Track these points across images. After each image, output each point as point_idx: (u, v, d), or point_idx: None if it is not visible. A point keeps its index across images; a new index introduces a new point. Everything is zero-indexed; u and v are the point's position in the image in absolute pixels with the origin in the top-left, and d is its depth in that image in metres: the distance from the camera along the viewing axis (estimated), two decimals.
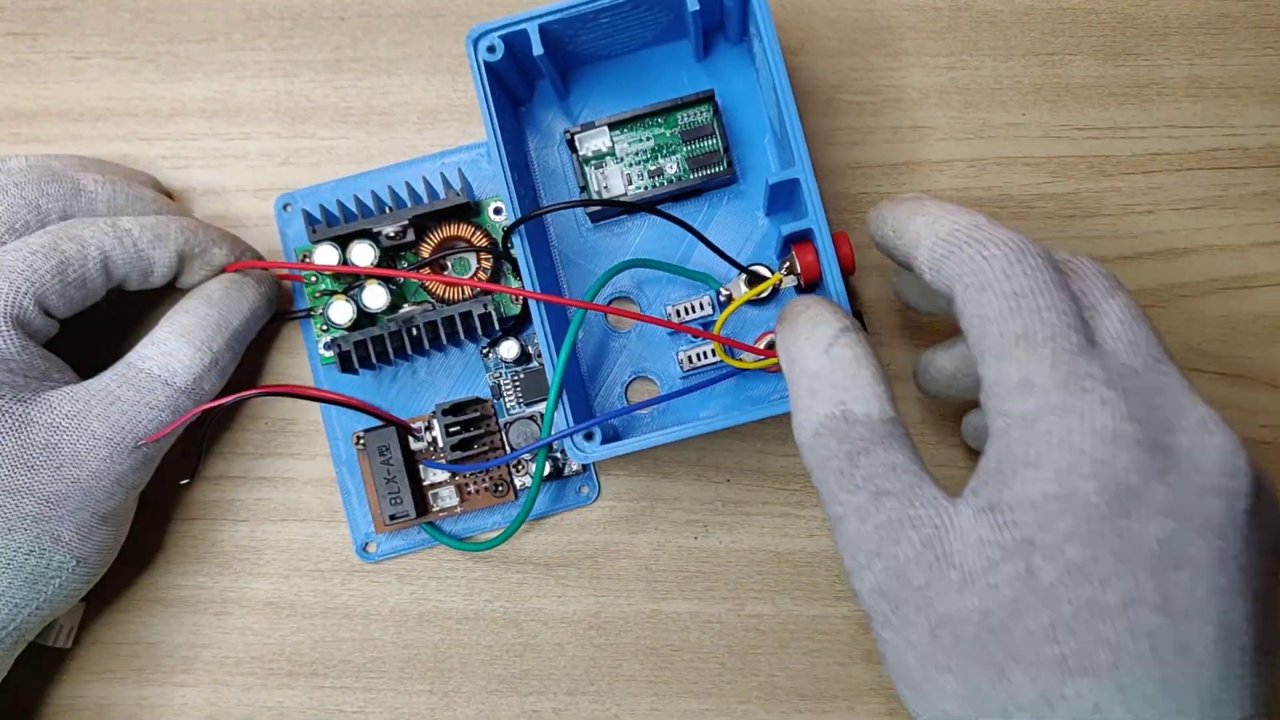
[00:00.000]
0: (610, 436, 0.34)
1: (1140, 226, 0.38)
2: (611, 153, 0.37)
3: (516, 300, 0.38)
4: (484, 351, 0.38)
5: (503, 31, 0.34)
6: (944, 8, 0.39)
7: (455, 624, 0.38)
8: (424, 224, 0.37)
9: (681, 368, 0.37)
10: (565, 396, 0.33)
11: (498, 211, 0.38)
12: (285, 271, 0.38)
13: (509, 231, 0.34)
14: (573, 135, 0.37)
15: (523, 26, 0.34)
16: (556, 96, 0.38)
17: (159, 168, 0.40)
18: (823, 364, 0.28)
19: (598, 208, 0.37)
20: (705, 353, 0.37)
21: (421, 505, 0.37)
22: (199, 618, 0.38)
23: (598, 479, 0.38)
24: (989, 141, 0.39)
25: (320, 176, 0.40)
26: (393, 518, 0.36)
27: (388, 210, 0.37)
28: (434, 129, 0.40)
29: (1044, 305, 0.25)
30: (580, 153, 0.37)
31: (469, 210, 0.38)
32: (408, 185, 0.37)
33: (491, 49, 0.34)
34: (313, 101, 0.40)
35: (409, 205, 0.37)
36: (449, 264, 0.38)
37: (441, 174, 0.38)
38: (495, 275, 0.37)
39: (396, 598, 0.38)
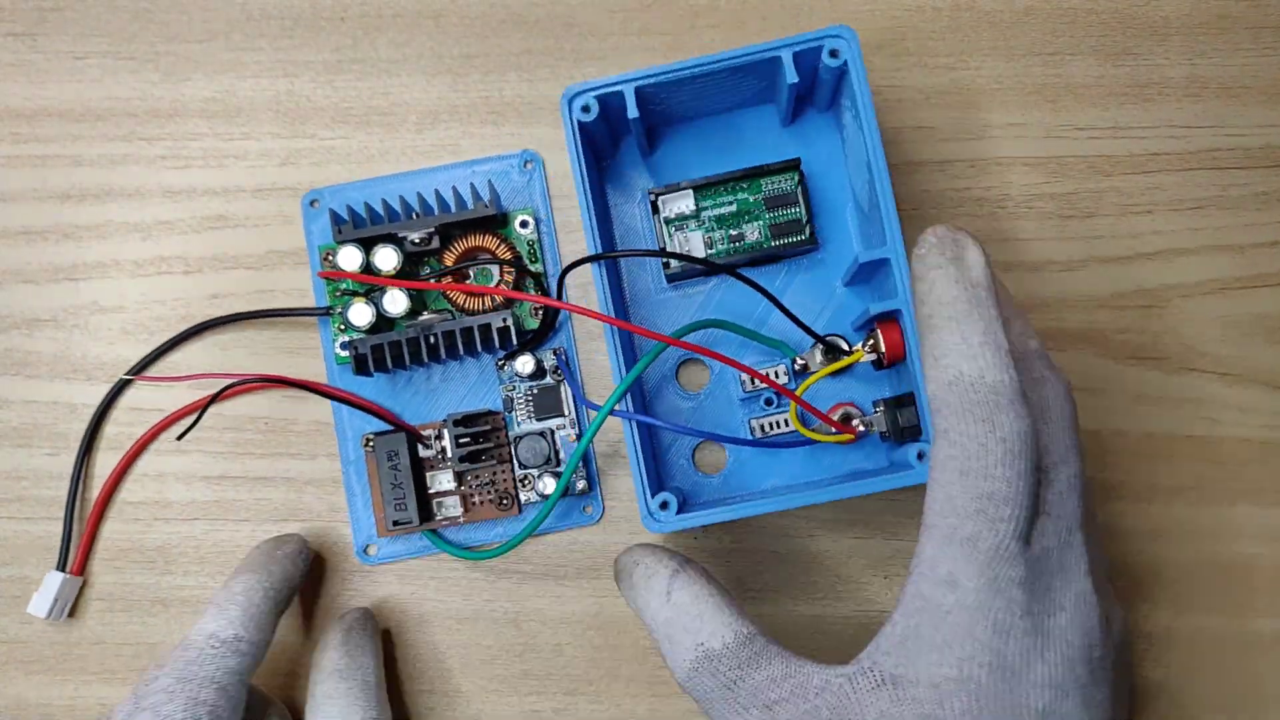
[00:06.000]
0: (680, 499, 0.33)
1: (1140, 226, 0.38)
2: (694, 215, 0.37)
3: (536, 315, 0.38)
4: (499, 364, 0.38)
5: (598, 92, 0.33)
6: (944, 8, 0.40)
7: (455, 624, 0.38)
8: (450, 232, 0.37)
9: (753, 434, 0.37)
10: (640, 461, 0.32)
11: (524, 225, 0.38)
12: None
13: (570, 268, 0.34)
14: (656, 197, 0.36)
15: (619, 88, 0.33)
16: (640, 154, 0.38)
17: (159, 168, 0.40)
18: (669, 612, 0.30)
19: (676, 268, 0.36)
20: (778, 422, 0.36)
21: (425, 512, 0.37)
22: None
23: (603, 500, 0.38)
24: (989, 141, 0.39)
25: (320, 177, 0.40)
26: (396, 523, 0.36)
27: (415, 216, 0.37)
28: (434, 130, 0.40)
29: (1003, 515, 0.25)
30: (663, 214, 0.36)
31: (496, 222, 0.38)
32: (436, 193, 0.37)
33: (586, 109, 0.33)
34: (313, 102, 0.40)
35: (436, 213, 0.37)
36: (471, 274, 0.38)
37: (471, 184, 0.37)
38: (516, 289, 0.37)
39: (396, 598, 0.38)
